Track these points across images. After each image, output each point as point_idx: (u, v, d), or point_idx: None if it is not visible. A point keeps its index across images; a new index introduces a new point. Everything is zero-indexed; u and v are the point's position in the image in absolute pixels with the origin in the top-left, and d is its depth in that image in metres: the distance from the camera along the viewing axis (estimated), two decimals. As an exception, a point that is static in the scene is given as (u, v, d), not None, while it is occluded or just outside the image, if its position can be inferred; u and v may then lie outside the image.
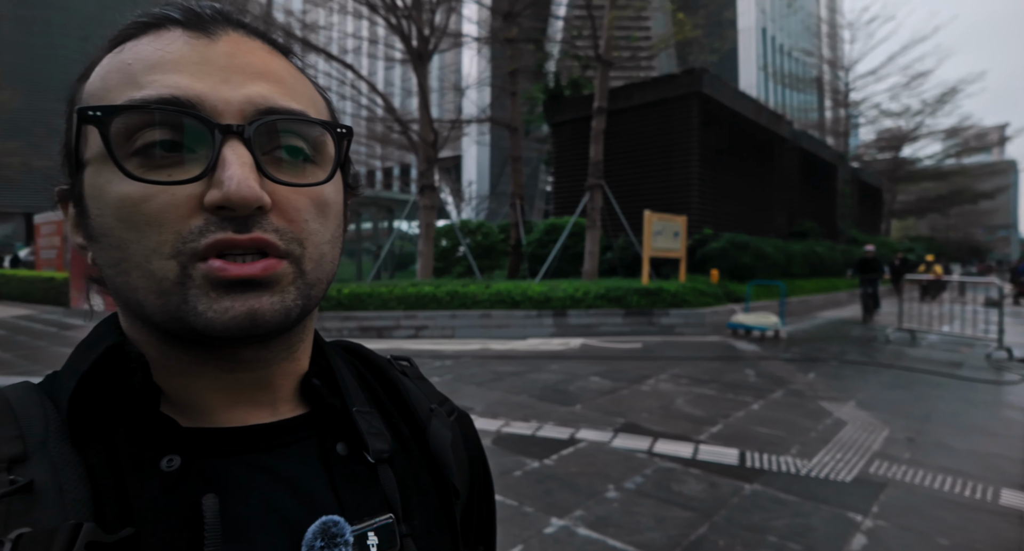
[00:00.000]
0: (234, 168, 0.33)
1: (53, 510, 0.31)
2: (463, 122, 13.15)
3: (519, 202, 12.22)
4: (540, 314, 8.75)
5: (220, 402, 0.39)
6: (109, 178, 0.34)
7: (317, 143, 0.38)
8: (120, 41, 0.37)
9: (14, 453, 0.33)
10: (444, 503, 0.47)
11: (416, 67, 10.13)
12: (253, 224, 0.34)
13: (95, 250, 0.37)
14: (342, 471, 0.41)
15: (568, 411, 4.73)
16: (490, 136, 35.08)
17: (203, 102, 0.34)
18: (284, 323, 0.36)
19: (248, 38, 0.38)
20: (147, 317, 0.36)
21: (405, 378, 0.53)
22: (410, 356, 0.58)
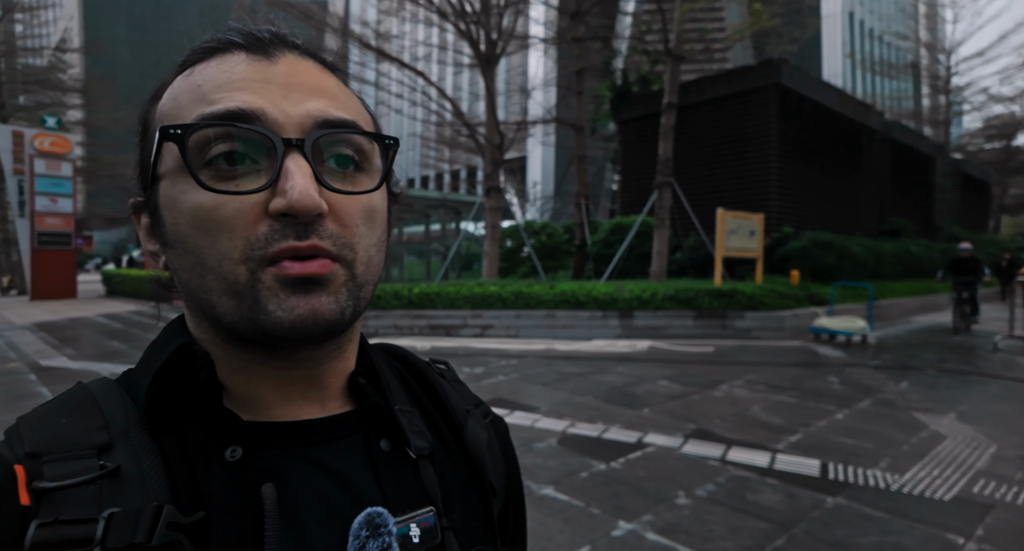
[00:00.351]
0: (296, 178, 0.36)
1: (137, 493, 0.35)
2: (529, 123, 13.22)
3: (584, 202, 12.12)
4: (605, 315, 8.63)
5: (275, 398, 0.43)
6: (184, 189, 0.37)
7: (366, 153, 0.41)
8: (189, 65, 0.41)
9: (101, 441, 0.37)
10: (482, 500, 0.49)
11: (484, 71, 10.28)
12: (311, 231, 0.37)
13: (170, 256, 0.40)
14: (386, 466, 0.44)
15: (635, 414, 4.64)
16: (555, 136, 35.01)
17: (266, 116, 0.37)
18: (340, 322, 0.39)
19: (303, 58, 0.41)
20: (218, 318, 0.39)
21: (443, 380, 0.56)
22: (447, 359, 0.60)
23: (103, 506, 0.34)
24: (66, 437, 0.37)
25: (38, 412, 0.39)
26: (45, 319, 12.17)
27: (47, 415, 0.39)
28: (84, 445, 0.36)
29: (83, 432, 0.37)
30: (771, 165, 12.38)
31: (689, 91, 13.24)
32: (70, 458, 0.35)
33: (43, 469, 0.35)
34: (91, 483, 0.34)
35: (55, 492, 0.34)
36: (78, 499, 0.34)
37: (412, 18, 12.22)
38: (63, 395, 0.41)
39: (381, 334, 8.95)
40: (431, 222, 17.02)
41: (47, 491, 0.34)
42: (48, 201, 18.09)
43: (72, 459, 0.35)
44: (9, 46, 23.76)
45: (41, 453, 0.36)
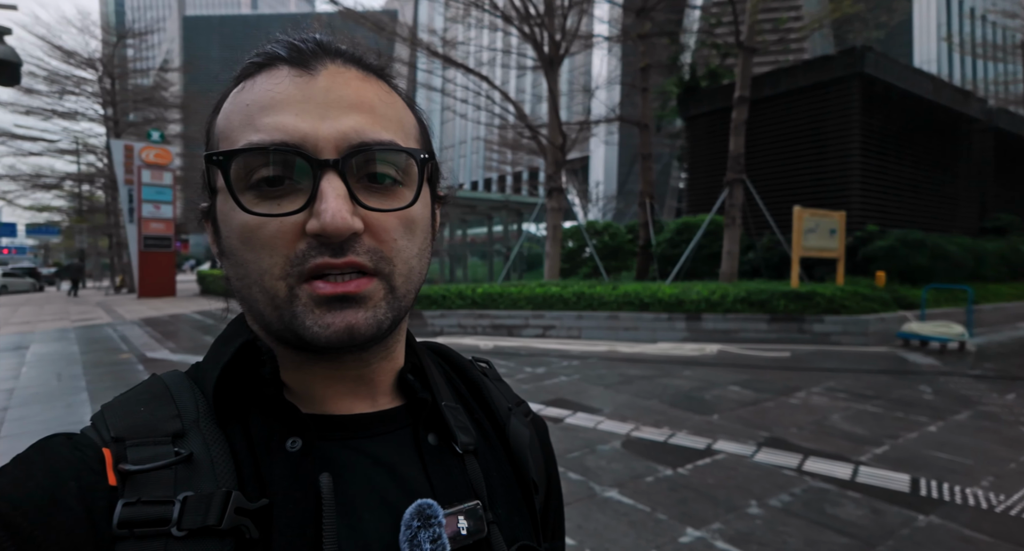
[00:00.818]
0: (329, 200, 0.38)
1: (208, 479, 0.38)
2: (591, 123, 13.09)
3: (649, 201, 11.85)
4: (671, 317, 8.40)
5: (328, 394, 0.45)
6: (232, 206, 0.40)
7: (403, 167, 0.42)
8: (242, 79, 0.44)
9: (175, 429, 0.40)
10: (525, 496, 0.50)
11: (547, 72, 10.30)
12: (348, 248, 0.39)
13: (225, 264, 0.44)
14: (433, 459, 0.46)
15: (704, 420, 4.49)
16: (618, 135, 34.41)
17: (305, 141, 0.39)
18: (376, 335, 0.41)
19: (344, 67, 0.43)
20: (266, 325, 0.42)
21: (485, 378, 0.57)
22: (488, 358, 0.64)
23: (178, 489, 0.36)
24: (145, 424, 0.40)
25: (119, 400, 0.42)
26: (150, 315, 13.38)
27: (128, 403, 0.42)
28: (160, 432, 0.39)
29: (159, 420, 0.40)
30: (853, 159, 11.59)
31: (762, 84, 12.64)
32: (149, 443, 0.38)
33: (127, 453, 0.38)
34: (168, 468, 0.37)
35: (137, 474, 0.37)
36: (157, 482, 0.36)
37: (477, 24, 12.44)
38: (140, 386, 0.44)
39: (446, 333, 9.16)
40: (494, 224, 17.22)
41: (131, 473, 0.37)
42: (152, 208, 19.93)
43: (151, 444, 0.38)
44: (122, 69, 26.39)
45: (125, 438, 0.39)
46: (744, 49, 9.80)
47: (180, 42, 66.94)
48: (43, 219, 32.46)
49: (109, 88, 24.84)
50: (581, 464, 3.56)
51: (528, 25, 10.11)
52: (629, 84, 13.31)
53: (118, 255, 25.87)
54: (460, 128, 46.56)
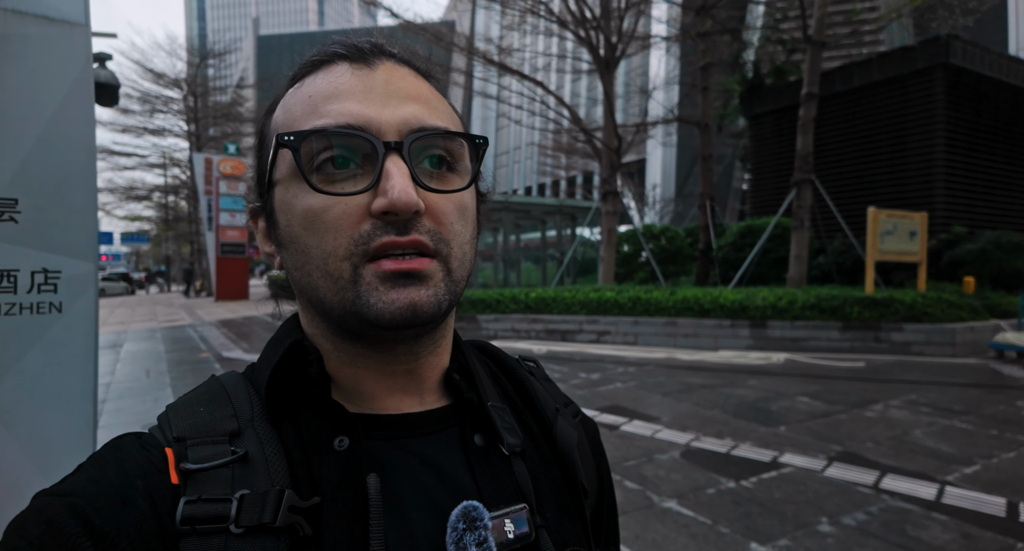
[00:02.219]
0: (396, 179, 0.39)
1: (262, 477, 0.38)
2: (648, 124, 12.84)
3: (709, 203, 11.48)
4: (734, 324, 8.07)
5: (379, 390, 0.45)
6: (296, 193, 0.41)
7: (457, 154, 0.43)
8: (299, 78, 0.45)
9: (232, 428, 0.41)
10: (575, 500, 0.49)
11: (602, 75, 10.21)
12: (411, 227, 0.40)
13: (283, 255, 0.44)
14: (480, 461, 0.45)
15: (770, 432, 4.29)
16: (676, 136, 33.56)
17: (370, 125, 0.40)
18: (437, 313, 0.41)
19: (399, 66, 0.45)
20: (327, 312, 0.42)
21: (533, 378, 0.56)
22: (536, 358, 0.61)
23: (235, 487, 0.37)
24: (204, 424, 0.41)
25: (182, 401, 0.44)
26: (226, 317, 14.27)
27: (189, 404, 0.43)
28: (218, 432, 0.40)
29: (217, 420, 0.41)
30: (937, 156, 10.77)
31: (832, 79, 11.99)
32: (208, 443, 0.40)
33: (187, 452, 0.39)
34: (225, 466, 0.38)
35: (197, 473, 0.38)
36: (215, 480, 0.37)
37: (533, 30, 12.51)
38: (201, 386, 0.45)
39: (500, 336, 9.22)
40: (547, 228, 17.19)
41: (191, 472, 0.38)
42: (229, 216, 21.30)
43: (209, 444, 0.39)
44: (204, 87, 28.51)
45: (186, 437, 0.40)
46: (812, 43, 9.33)
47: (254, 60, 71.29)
48: (135, 228, 35.43)
49: (192, 106, 26.86)
50: (638, 473, 3.48)
51: (584, 29, 10.06)
52: (689, 84, 12.95)
53: (199, 261, 27.81)
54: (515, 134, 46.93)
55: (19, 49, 1.17)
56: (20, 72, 1.17)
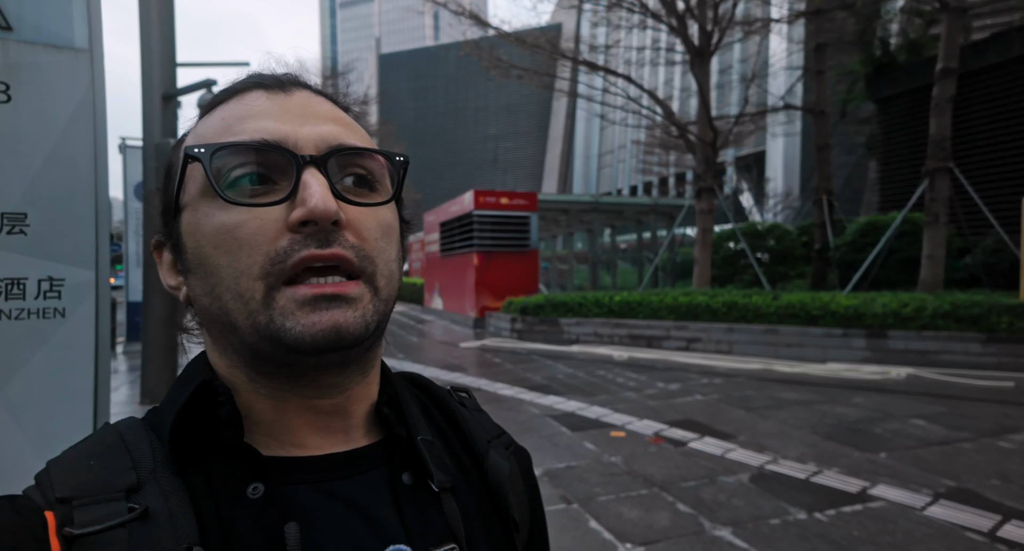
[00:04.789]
0: (314, 188, 0.37)
1: (167, 535, 0.34)
2: (747, 115, 11.86)
3: (826, 198, 10.35)
4: (847, 333, 7.19)
5: (300, 426, 0.42)
6: (207, 212, 0.39)
7: (378, 174, 0.43)
8: (210, 109, 0.44)
9: (130, 482, 0.36)
10: (506, 535, 0.47)
11: (696, 65, 9.64)
12: (332, 240, 0.38)
13: (191, 282, 0.41)
14: (409, 500, 0.43)
15: (865, 458, 3.76)
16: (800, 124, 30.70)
17: (287, 139, 0.39)
18: (364, 335, 0.39)
19: (316, 95, 0.44)
20: (241, 339, 0.39)
21: (464, 409, 0.54)
22: (468, 389, 0.60)
23: (134, 550, 0.34)
24: (96, 480, 0.36)
25: (68, 455, 0.39)
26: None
27: (77, 458, 0.39)
28: (113, 488, 0.36)
29: (112, 474, 0.37)
30: None
31: (985, 51, 10.25)
32: (100, 501, 0.35)
33: (74, 514, 0.34)
34: (121, 527, 0.34)
35: (86, 538, 0.33)
36: (109, 543, 0.33)
37: (627, 24, 12.15)
38: (92, 437, 0.41)
39: (582, 341, 9.06)
40: (643, 229, 16.56)
41: (78, 537, 0.33)
42: (345, 223, 23.29)
43: (102, 502, 0.35)
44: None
45: (71, 497, 0.35)
46: (950, 11, 8.05)
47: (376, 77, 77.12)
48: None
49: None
50: (695, 495, 3.23)
51: (676, 18, 9.58)
52: (801, 68, 11.78)
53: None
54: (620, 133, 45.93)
55: (30, 76, 1.36)
56: (31, 97, 1.36)
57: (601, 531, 2.83)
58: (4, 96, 1.34)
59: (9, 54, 1.35)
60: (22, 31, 1.36)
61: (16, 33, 1.36)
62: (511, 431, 3.60)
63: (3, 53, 1.34)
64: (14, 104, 1.35)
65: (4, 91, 1.34)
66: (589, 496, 3.23)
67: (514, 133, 70.71)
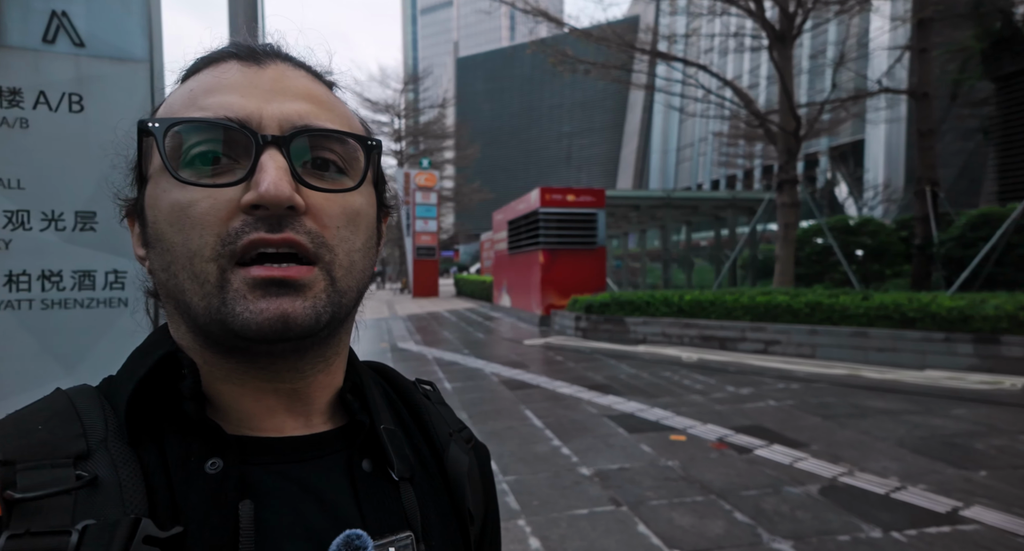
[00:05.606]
0: (269, 171, 0.36)
1: (114, 504, 0.34)
2: (836, 102, 10.92)
3: (929, 189, 9.35)
4: (950, 338, 6.47)
5: (259, 410, 0.41)
6: (165, 187, 0.38)
7: (350, 157, 0.41)
8: (188, 75, 0.43)
9: (79, 450, 0.35)
10: (460, 526, 0.48)
11: (776, 50, 9.03)
12: (286, 225, 0.37)
13: (151, 257, 0.40)
14: (367, 487, 0.43)
15: (960, 475, 3.38)
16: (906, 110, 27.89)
17: (250, 119, 0.38)
18: (314, 327, 0.38)
19: (293, 68, 0.42)
20: (194, 318, 0.38)
21: (428, 401, 0.54)
22: (432, 381, 0.60)
23: (77, 517, 0.32)
24: (42, 444, 0.35)
25: (13, 417, 0.38)
26: (414, 312, 16.15)
27: (23, 420, 0.37)
28: (61, 454, 0.35)
29: (60, 439, 0.36)
30: None
31: None
32: (45, 466, 0.34)
33: (16, 477, 0.33)
34: (66, 493, 0.33)
35: (28, 502, 0.32)
36: (51, 510, 0.32)
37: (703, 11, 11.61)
38: (41, 401, 0.40)
39: (649, 341, 8.78)
40: (725, 224, 15.73)
41: (19, 501, 0.32)
42: (422, 223, 24.16)
43: (47, 467, 0.34)
44: (409, 109, 32.87)
45: (15, 461, 0.34)
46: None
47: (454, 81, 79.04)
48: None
49: (397, 128, 31.14)
50: (754, 505, 3.04)
51: (754, 0, 9.03)
52: (902, 47, 10.69)
53: (402, 262, 32.07)
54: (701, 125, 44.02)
55: (98, 87, 1.52)
56: (99, 106, 1.52)
57: (649, 535, 2.74)
58: (78, 106, 1.51)
59: (81, 68, 1.51)
60: (92, 47, 1.52)
61: (87, 49, 1.52)
62: (566, 430, 3.54)
63: (76, 68, 1.51)
64: (85, 113, 1.51)
65: (78, 102, 1.51)
66: (640, 499, 3.14)
67: (589, 129, 69.86)
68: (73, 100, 1.49)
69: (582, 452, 3.89)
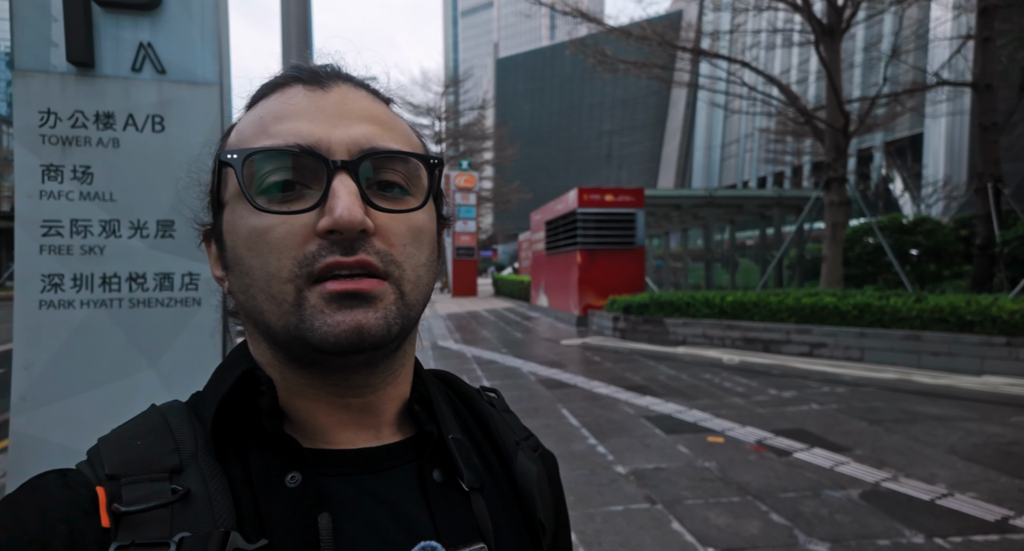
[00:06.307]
0: (342, 197, 0.37)
1: (205, 517, 0.36)
2: (888, 96, 10.45)
3: (991, 185, 8.87)
4: (1011, 343, 6.15)
5: (331, 424, 0.43)
6: (242, 214, 0.40)
7: (412, 176, 0.43)
8: (255, 101, 0.45)
9: (173, 464, 0.38)
10: (532, 537, 0.47)
11: (823, 44, 8.74)
12: (358, 247, 0.38)
13: (230, 279, 0.43)
14: (438, 498, 0.43)
15: (1015, 485, 3.26)
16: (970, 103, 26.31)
17: (319, 143, 0.40)
18: (386, 338, 0.39)
19: (355, 89, 0.44)
20: (273, 338, 0.41)
21: (493, 409, 0.55)
22: (496, 389, 0.62)
23: (175, 529, 0.35)
24: (141, 459, 0.38)
25: (116, 433, 0.41)
26: (453, 311, 16.42)
27: (124, 437, 0.40)
28: (157, 468, 0.38)
29: (156, 455, 0.38)
30: None
31: None
32: (145, 481, 0.37)
33: (121, 491, 0.36)
34: (164, 507, 0.36)
35: (133, 515, 0.35)
36: (152, 522, 0.35)
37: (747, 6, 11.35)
38: (138, 417, 0.43)
39: (689, 342, 8.67)
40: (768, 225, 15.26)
41: (125, 514, 0.35)
42: (462, 224, 24.50)
43: (146, 482, 0.37)
44: (449, 112, 33.35)
45: (120, 475, 0.37)
46: None
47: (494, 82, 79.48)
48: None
49: (437, 130, 31.64)
50: (792, 507, 3.03)
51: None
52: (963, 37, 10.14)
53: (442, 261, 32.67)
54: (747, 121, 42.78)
55: (176, 109, 1.71)
56: (178, 125, 1.71)
57: (683, 533, 2.78)
58: (159, 127, 1.71)
59: (163, 92, 1.71)
60: (172, 73, 1.72)
61: (168, 75, 1.72)
62: (603, 430, 3.65)
63: (159, 92, 1.71)
64: (166, 133, 1.71)
65: (159, 122, 1.71)
66: (676, 498, 3.17)
67: (630, 127, 68.93)
68: (155, 121, 1.69)
69: (618, 451, 3.94)
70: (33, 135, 1.62)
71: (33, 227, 1.61)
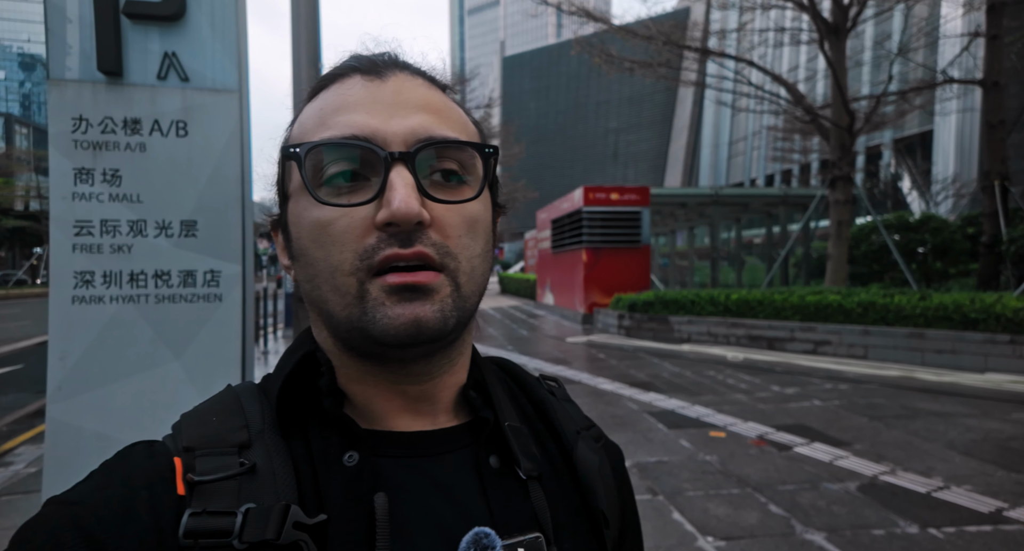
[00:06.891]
0: (399, 189, 0.38)
1: (268, 491, 0.37)
2: (893, 94, 10.43)
3: (999, 183, 8.86)
4: (1015, 340, 6.17)
5: (389, 409, 0.44)
6: (305, 206, 0.41)
7: (468, 165, 0.43)
8: (316, 92, 0.46)
9: (242, 440, 0.40)
10: (594, 530, 0.46)
11: (827, 42, 8.74)
12: (415, 239, 0.39)
13: (296, 268, 0.44)
14: (494, 484, 0.43)
15: (1011, 478, 3.33)
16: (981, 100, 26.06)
17: (375, 135, 0.40)
18: (443, 330, 0.40)
19: (411, 77, 0.45)
20: (336, 326, 0.42)
21: (553, 398, 0.54)
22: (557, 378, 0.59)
23: (241, 501, 0.37)
24: (214, 434, 0.41)
25: (197, 410, 0.44)
26: (459, 309, 16.48)
27: (202, 413, 0.43)
28: (228, 443, 0.40)
29: (227, 430, 0.41)
30: None
31: None
32: (216, 454, 0.39)
33: (195, 462, 0.39)
34: (232, 478, 0.38)
35: (204, 485, 0.37)
36: (222, 492, 0.37)
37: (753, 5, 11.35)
38: (216, 396, 0.45)
39: (694, 340, 8.72)
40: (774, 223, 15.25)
41: (198, 483, 0.37)
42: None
43: (218, 455, 0.39)
44: (458, 111, 33.43)
45: (195, 447, 0.40)
46: None
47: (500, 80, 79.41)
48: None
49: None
50: (791, 499, 3.11)
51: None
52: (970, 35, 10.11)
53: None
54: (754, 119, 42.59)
55: (199, 115, 1.80)
56: (200, 131, 1.80)
57: (683, 523, 2.86)
58: (183, 132, 1.81)
59: (187, 99, 1.81)
60: (195, 80, 1.82)
61: (191, 82, 1.82)
62: (606, 424, 3.84)
63: (183, 99, 1.81)
64: (189, 138, 1.81)
65: (183, 128, 1.81)
66: (676, 490, 3.26)
67: (636, 125, 68.70)
68: (179, 127, 1.80)
69: (621, 445, 4.00)
70: (66, 140, 1.72)
71: (67, 227, 1.71)
